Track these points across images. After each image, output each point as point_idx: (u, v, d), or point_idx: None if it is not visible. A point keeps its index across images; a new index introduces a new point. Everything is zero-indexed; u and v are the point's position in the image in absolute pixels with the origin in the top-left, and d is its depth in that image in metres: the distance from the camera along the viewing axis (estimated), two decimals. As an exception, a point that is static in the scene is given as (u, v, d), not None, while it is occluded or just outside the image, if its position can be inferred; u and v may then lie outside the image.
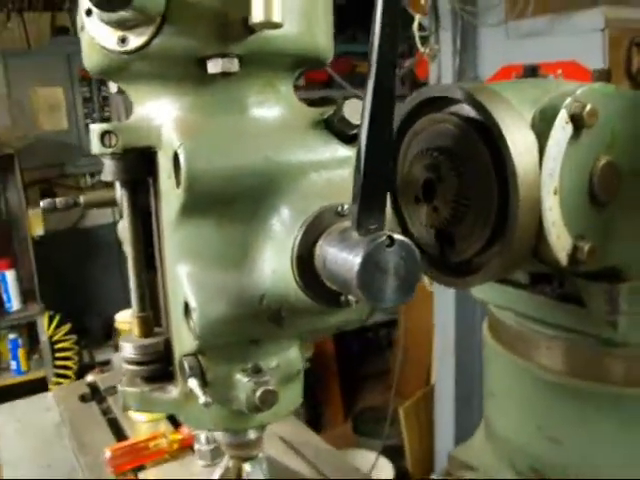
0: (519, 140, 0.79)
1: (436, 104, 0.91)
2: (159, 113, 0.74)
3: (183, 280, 0.72)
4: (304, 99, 0.81)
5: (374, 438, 3.98)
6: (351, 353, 5.25)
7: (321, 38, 0.77)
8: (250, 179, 0.70)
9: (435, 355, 3.56)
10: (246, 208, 0.72)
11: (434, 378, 3.68)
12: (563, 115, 0.80)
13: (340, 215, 0.67)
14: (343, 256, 0.59)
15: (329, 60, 0.80)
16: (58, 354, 4.17)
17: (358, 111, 0.62)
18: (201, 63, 0.70)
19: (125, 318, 1.78)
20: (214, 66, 0.69)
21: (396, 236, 0.56)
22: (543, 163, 0.80)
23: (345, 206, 0.67)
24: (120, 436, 1.73)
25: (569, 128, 0.80)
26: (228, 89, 0.73)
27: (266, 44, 0.71)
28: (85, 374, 2.35)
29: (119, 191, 0.84)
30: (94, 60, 0.74)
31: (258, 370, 0.76)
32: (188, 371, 0.75)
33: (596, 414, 0.96)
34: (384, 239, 0.56)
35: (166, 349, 0.81)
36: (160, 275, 0.80)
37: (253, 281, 0.71)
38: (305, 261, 0.66)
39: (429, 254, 0.94)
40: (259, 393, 0.73)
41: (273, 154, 0.71)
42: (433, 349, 3.64)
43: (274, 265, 0.70)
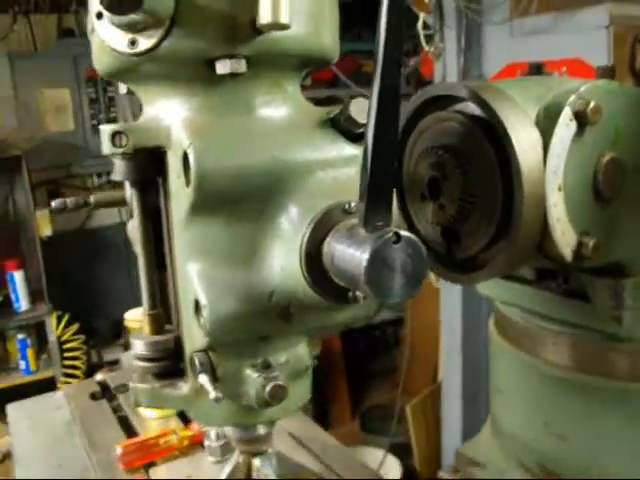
0: (524, 138, 0.80)
1: (441, 102, 0.91)
2: (168, 113, 0.75)
3: (193, 278, 0.73)
4: (310, 98, 0.82)
5: (381, 436, 3.97)
6: (358, 351, 5.25)
7: (327, 38, 0.77)
8: (258, 178, 0.71)
9: (442, 352, 3.56)
10: (254, 206, 0.73)
11: (441, 375, 3.68)
12: (567, 112, 0.81)
13: (347, 213, 0.67)
14: (351, 252, 0.59)
15: (335, 60, 0.81)
16: (67, 354, 4.18)
17: (364, 110, 0.62)
18: (210, 64, 0.71)
19: (134, 316, 1.80)
20: (222, 67, 0.70)
21: (403, 233, 0.57)
22: (547, 160, 0.80)
23: (352, 204, 0.67)
24: (130, 433, 1.74)
25: (573, 125, 0.81)
26: (236, 89, 0.74)
27: (273, 45, 0.71)
28: (93, 374, 2.36)
29: (129, 191, 0.85)
30: (104, 62, 0.75)
31: (267, 365, 0.77)
32: (199, 367, 0.75)
33: (601, 409, 0.96)
34: (391, 236, 0.57)
35: (176, 346, 0.82)
36: (170, 273, 0.81)
37: (262, 278, 0.72)
38: (313, 258, 0.66)
39: (435, 251, 0.95)
40: (269, 388, 0.74)
41: (280, 153, 0.72)
42: (440, 346, 3.64)
43: (283, 262, 0.71)
